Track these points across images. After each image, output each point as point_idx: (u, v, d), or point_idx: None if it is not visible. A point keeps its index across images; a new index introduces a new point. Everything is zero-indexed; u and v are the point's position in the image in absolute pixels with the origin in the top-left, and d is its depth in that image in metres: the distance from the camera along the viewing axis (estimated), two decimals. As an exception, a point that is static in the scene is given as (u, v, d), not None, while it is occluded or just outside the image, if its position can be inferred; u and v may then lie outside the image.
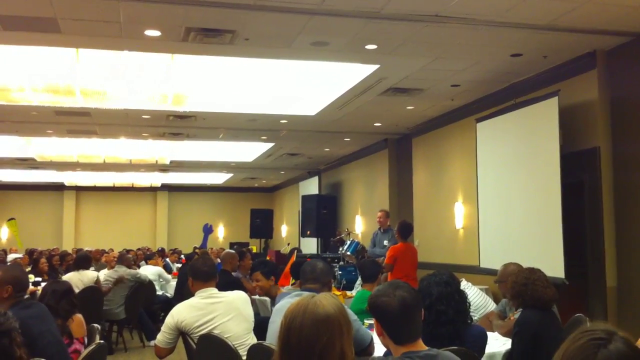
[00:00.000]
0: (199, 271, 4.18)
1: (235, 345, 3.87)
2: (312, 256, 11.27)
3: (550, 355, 1.50)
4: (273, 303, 5.43)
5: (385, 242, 9.10)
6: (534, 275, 3.89)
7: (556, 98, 7.03)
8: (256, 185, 23.35)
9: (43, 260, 10.50)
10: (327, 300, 1.98)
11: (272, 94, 9.42)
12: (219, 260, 8.32)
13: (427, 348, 2.38)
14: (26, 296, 3.92)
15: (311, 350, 1.88)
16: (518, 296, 3.89)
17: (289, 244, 18.04)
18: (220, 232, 24.03)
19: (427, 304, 3.26)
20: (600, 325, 1.39)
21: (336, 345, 1.90)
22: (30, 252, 14.09)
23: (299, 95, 9.56)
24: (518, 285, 3.88)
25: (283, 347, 1.94)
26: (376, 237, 9.44)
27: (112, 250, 16.26)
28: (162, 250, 15.91)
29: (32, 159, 15.56)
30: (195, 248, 17.15)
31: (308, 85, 8.94)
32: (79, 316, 4.36)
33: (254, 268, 6.48)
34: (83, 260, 8.71)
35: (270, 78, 8.54)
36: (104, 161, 16.06)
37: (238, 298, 4.20)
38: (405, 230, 8.35)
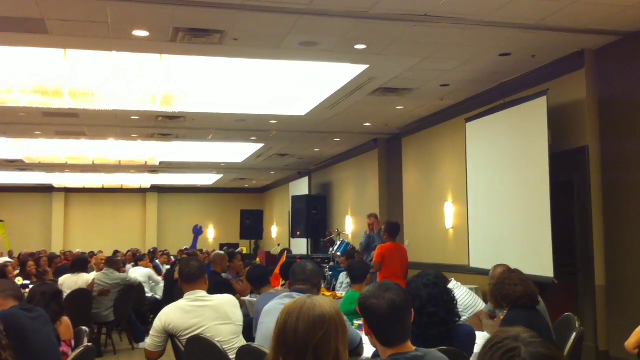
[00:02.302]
0: (182, 273, 4.19)
1: (224, 349, 3.84)
2: (302, 257, 11.27)
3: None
4: None
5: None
6: (504, 275, 4.01)
7: (545, 97, 7.05)
8: (246, 186, 23.30)
9: (31, 262, 10.40)
10: (323, 300, 2.04)
11: (261, 94, 9.39)
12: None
13: (414, 349, 2.36)
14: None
15: (306, 346, 1.91)
16: (492, 297, 4.06)
17: (279, 245, 18.00)
18: (210, 234, 23.96)
19: (417, 307, 3.23)
20: (504, 334, 1.40)
21: (331, 343, 1.93)
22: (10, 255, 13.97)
23: (289, 96, 9.54)
24: (491, 287, 4.10)
25: (278, 343, 1.96)
26: (369, 239, 9.41)
27: (101, 252, 16.12)
28: (154, 251, 15.79)
29: (21, 161, 15.45)
30: (181, 251, 16.94)
31: (298, 85, 8.91)
32: (66, 319, 4.33)
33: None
34: (80, 262, 8.65)
35: (260, 78, 8.51)
36: (93, 162, 15.98)
37: (227, 301, 4.16)
38: (393, 230, 8.38)
